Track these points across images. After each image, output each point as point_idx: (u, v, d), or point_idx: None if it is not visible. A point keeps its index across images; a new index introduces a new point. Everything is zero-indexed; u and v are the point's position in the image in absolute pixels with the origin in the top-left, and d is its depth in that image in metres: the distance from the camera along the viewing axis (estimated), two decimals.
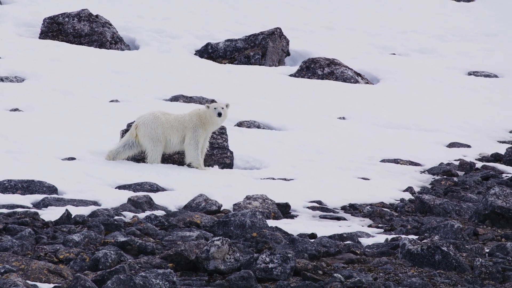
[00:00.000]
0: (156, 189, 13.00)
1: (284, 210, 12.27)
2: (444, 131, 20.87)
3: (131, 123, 15.57)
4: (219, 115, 14.97)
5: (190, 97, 21.71)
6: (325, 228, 11.14)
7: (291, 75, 27.81)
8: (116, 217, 10.70)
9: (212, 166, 15.49)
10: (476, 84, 28.32)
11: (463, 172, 16.32)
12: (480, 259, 8.79)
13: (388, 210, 12.76)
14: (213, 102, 20.16)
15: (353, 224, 11.85)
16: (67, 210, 10.37)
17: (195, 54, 30.00)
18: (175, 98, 21.62)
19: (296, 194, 13.25)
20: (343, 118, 21.67)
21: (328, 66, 27.83)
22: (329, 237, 10.19)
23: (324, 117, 21.47)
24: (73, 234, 9.35)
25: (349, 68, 27.94)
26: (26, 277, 8.03)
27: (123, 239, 9.24)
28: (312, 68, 27.78)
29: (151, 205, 11.78)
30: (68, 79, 22.04)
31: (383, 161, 16.95)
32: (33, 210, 10.92)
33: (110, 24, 29.28)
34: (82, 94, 20.65)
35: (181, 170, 14.77)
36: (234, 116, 19.67)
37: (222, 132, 15.81)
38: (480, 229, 11.35)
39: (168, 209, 11.84)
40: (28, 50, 25.30)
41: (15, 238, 9.18)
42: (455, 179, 15.35)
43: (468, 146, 19.04)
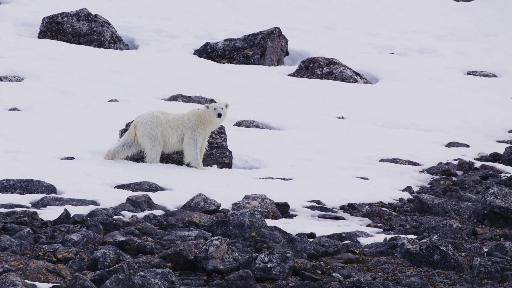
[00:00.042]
0: (155, 188, 12.99)
1: (283, 210, 12.27)
2: (443, 131, 20.87)
3: (130, 122, 15.57)
4: (219, 115, 14.95)
5: (189, 97, 21.70)
6: (324, 228, 11.14)
7: (290, 75, 27.81)
8: (115, 217, 10.70)
9: (211, 166, 15.48)
10: (475, 83, 28.33)
11: (462, 172, 16.32)
12: (479, 259, 8.79)
13: (387, 209, 12.76)
14: (212, 102, 20.16)
15: (352, 224, 11.85)
16: (66, 209, 10.37)
17: (194, 54, 29.99)
18: (174, 98, 21.61)
19: (295, 194, 13.25)
20: (342, 118, 21.67)
21: (327, 65, 27.82)
22: (328, 236, 10.19)
23: (323, 116, 21.47)
24: (72, 234, 9.35)
25: (348, 68, 27.94)
26: (25, 276, 8.03)
27: (122, 238, 9.24)
28: (311, 68, 27.78)
29: (150, 204, 11.77)
30: (67, 78, 22.04)
31: (382, 160, 16.95)
32: (32, 209, 10.92)
33: (109, 24, 29.27)
34: (81, 94, 20.64)
35: (180, 169, 14.77)
36: (233, 115, 19.66)
37: (221, 132, 15.81)
38: (479, 229, 11.35)
39: (167, 208, 11.84)
40: (27, 49, 25.30)
41: (14, 237, 9.18)
42: (454, 178, 15.35)
43: (467, 146, 19.04)
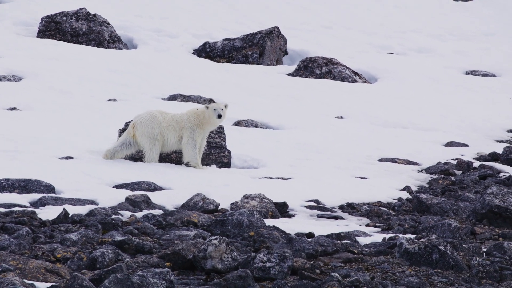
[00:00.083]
0: (154, 188, 12.99)
1: (281, 209, 12.27)
2: (442, 130, 20.88)
3: (129, 122, 15.57)
4: (219, 117, 14.94)
5: (188, 96, 21.70)
6: (323, 227, 11.14)
7: (289, 74, 27.81)
8: (113, 216, 10.70)
9: (210, 165, 15.48)
10: (474, 83, 28.33)
11: (461, 171, 16.32)
12: (478, 258, 8.79)
13: (386, 209, 12.76)
14: (211, 102, 20.15)
15: (351, 223, 11.86)
16: (64, 209, 10.37)
17: (193, 53, 29.99)
18: (173, 97, 21.61)
19: (293, 193, 13.25)
20: (341, 117, 21.67)
21: (326, 65, 27.82)
22: (327, 236, 10.19)
23: (322, 116, 21.47)
24: (70, 233, 9.34)
25: (347, 67, 27.94)
26: (24, 276, 8.03)
27: (120, 238, 9.24)
28: (310, 67, 27.78)
29: (149, 204, 11.78)
30: (65, 78, 22.03)
31: (380, 160, 16.95)
32: (31, 209, 10.92)
33: (108, 23, 29.26)
34: (80, 93, 20.64)
35: (178, 169, 14.77)
36: (232, 115, 19.66)
37: (220, 131, 15.81)
38: (478, 228, 11.36)
39: (165, 208, 11.84)
40: (26, 49, 25.29)
41: (13, 237, 9.18)
42: (453, 178, 15.36)
43: (466, 145, 19.04)
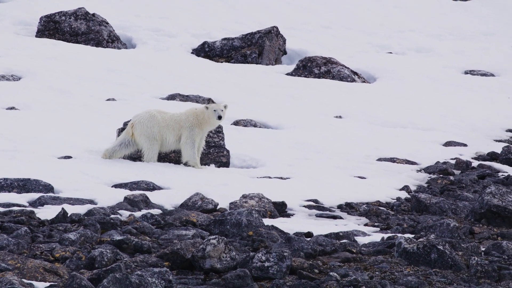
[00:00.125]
0: (153, 187, 12.99)
1: (280, 209, 12.27)
2: (441, 130, 20.88)
3: (128, 121, 15.56)
4: (219, 118, 14.92)
5: (187, 96, 21.70)
6: (321, 227, 11.14)
7: (287, 74, 27.80)
8: (112, 216, 10.70)
9: (209, 165, 15.48)
10: (472, 83, 28.33)
11: (460, 171, 16.33)
12: (476, 258, 8.79)
13: (385, 208, 12.77)
14: (211, 102, 20.14)
15: (349, 223, 11.86)
16: (63, 208, 10.37)
17: (192, 53, 29.97)
18: (171, 97, 21.61)
19: (292, 193, 13.25)
20: (340, 117, 21.67)
21: (324, 65, 27.82)
22: (325, 235, 10.19)
23: (321, 116, 21.47)
24: (69, 233, 9.34)
25: (345, 67, 27.94)
26: (22, 275, 8.03)
27: (119, 237, 9.24)
28: (309, 67, 27.78)
29: (147, 203, 11.78)
30: (64, 77, 22.03)
31: (379, 159, 16.95)
32: (29, 208, 10.92)
33: (107, 23, 29.26)
34: (78, 93, 20.63)
35: (177, 168, 14.77)
36: (230, 114, 19.65)
37: (219, 131, 15.80)
38: (476, 228, 11.36)
39: (164, 207, 11.84)
40: (24, 48, 25.28)
41: (11, 236, 9.18)
42: (452, 178, 15.36)
43: (465, 145, 19.04)
